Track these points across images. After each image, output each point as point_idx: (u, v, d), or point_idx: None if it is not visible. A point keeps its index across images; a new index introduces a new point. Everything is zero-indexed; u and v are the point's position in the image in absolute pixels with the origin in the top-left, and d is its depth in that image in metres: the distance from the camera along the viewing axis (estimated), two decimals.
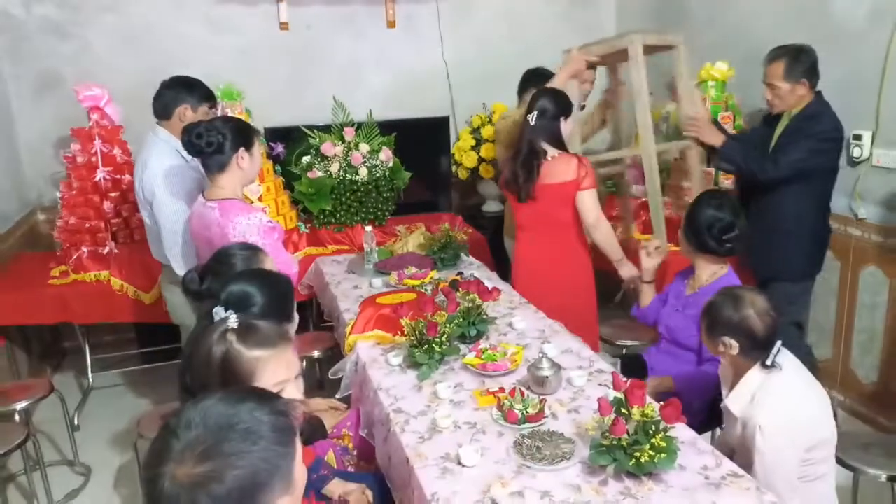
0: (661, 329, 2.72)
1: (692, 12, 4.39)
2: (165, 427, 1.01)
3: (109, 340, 4.37)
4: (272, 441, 1.00)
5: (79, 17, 4.23)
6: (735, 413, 1.98)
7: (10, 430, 2.83)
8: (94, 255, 3.65)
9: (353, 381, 2.55)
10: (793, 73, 2.95)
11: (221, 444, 0.97)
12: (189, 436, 0.97)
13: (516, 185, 3.05)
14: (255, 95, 3.94)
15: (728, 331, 2.00)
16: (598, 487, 1.71)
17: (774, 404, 1.90)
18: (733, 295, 2.03)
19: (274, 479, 0.99)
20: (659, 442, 1.68)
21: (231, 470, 0.96)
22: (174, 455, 0.96)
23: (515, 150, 3.08)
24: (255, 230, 2.42)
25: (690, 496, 1.67)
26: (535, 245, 3.15)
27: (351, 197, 3.98)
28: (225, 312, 1.59)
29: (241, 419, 1.00)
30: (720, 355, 2.07)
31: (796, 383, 1.98)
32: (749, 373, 1.99)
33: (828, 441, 1.98)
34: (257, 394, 1.07)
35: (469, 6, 4.87)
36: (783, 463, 1.89)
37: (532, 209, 3.06)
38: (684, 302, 2.65)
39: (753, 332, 1.97)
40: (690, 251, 2.62)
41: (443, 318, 2.40)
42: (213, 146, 2.44)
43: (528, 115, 3.01)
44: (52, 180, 4.21)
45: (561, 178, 3.00)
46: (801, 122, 2.99)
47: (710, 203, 2.56)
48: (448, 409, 2.10)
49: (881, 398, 3.32)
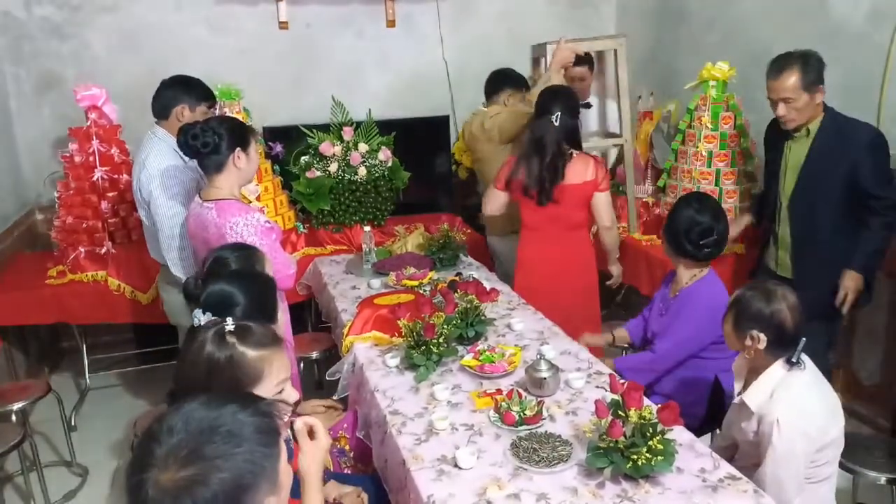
0: (649, 333, 2.70)
1: (693, 12, 4.37)
2: (148, 433, 1.00)
3: (107, 341, 4.35)
4: (256, 442, 1.00)
5: (78, 17, 4.22)
6: (752, 407, 1.96)
7: (6, 431, 2.83)
8: (91, 255, 3.64)
9: (350, 382, 2.54)
10: (809, 81, 2.68)
11: (204, 447, 0.96)
12: (171, 441, 0.97)
13: (540, 188, 2.99)
14: (253, 95, 3.92)
15: (757, 324, 1.96)
16: (595, 490, 1.70)
17: (794, 400, 1.89)
18: (765, 288, 2.00)
19: (259, 481, 0.99)
20: (656, 444, 1.67)
21: (215, 473, 0.95)
22: (157, 461, 0.96)
23: (533, 152, 3.00)
24: (252, 230, 2.40)
25: (688, 499, 1.66)
26: (545, 245, 3.11)
27: (350, 197, 3.97)
28: (203, 315, 1.58)
29: (224, 422, 0.99)
30: (744, 350, 2.02)
31: (814, 382, 1.98)
32: (771, 368, 1.97)
33: (836, 442, 1.97)
34: (239, 397, 1.06)
35: (469, 5, 4.86)
36: (794, 459, 1.88)
37: (547, 210, 3.03)
38: (667, 304, 2.63)
39: (783, 326, 1.94)
40: (670, 253, 2.60)
41: (440, 320, 2.39)
42: (209, 147, 2.42)
43: (550, 116, 2.96)
44: (51, 180, 4.20)
45: (580, 179, 3.00)
46: (835, 136, 2.74)
47: (691, 205, 2.51)
48: (445, 410, 2.09)
49: (882, 400, 3.30)
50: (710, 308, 2.42)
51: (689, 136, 3.69)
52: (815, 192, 2.80)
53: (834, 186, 2.75)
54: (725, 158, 3.56)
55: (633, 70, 4.98)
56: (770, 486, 1.87)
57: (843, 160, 2.71)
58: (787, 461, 1.88)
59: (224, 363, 1.48)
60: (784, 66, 2.69)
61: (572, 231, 3.11)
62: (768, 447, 1.89)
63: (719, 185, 3.57)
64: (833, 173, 2.73)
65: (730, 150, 3.56)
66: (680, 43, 4.50)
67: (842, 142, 2.72)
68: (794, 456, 1.88)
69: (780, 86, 2.69)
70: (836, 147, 2.73)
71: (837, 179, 2.73)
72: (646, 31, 4.85)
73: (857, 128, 2.74)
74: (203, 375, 1.49)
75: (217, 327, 1.54)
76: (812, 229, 2.82)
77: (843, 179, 2.72)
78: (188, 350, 1.54)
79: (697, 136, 3.61)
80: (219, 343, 1.50)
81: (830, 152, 2.74)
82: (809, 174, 2.80)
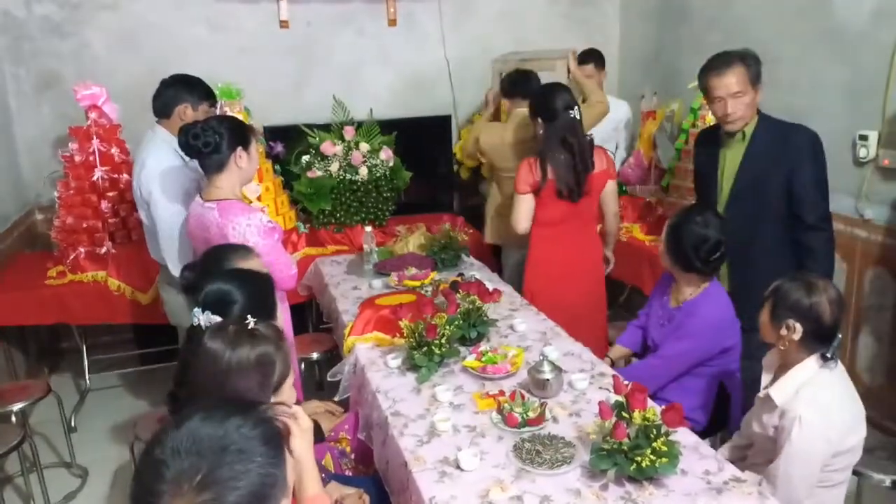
0: (649, 341, 2.64)
1: (694, 12, 4.36)
2: (150, 456, 0.97)
3: (107, 341, 4.35)
4: (266, 455, 0.99)
5: (78, 16, 4.21)
6: (777, 402, 1.93)
7: (6, 432, 2.82)
8: (91, 256, 3.63)
9: (351, 383, 2.53)
10: (753, 76, 2.58)
11: (218, 469, 0.94)
12: (182, 465, 0.94)
13: (575, 183, 2.97)
14: (254, 94, 3.91)
15: (795, 314, 1.92)
16: (598, 492, 1.68)
17: (820, 401, 1.87)
18: (806, 280, 1.97)
19: (274, 490, 0.99)
20: (660, 446, 1.66)
21: (232, 493, 0.94)
22: (168, 486, 0.93)
23: (561, 150, 2.96)
24: (254, 231, 2.39)
25: (692, 501, 1.64)
26: (562, 239, 3.08)
27: (351, 197, 3.95)
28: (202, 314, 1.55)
29: (232, 440, 0.97)
30: (778, 341, 1.98)
31: (843, 388, 1.96)
32: (803, 363, 1.94)
33: (854, 451, 1.95)
34: (238, 408, 1.04)
35: (470, 4, 4.84)
36: (810, 460, 1.86)
37: (576, 205, 3.03)
38: (669, 314, 2.55)
39: (821, 319, 1.91)
40: (676, 270, 2.49)
41: (442, 320, 2.37)
42: (210, 146, 2.41)
43: (569, 112, 2.96)
44: (51, 180, 4.18)
45: (600, 168, 3.07)
46: (771, 139, 2.62)
47: (696, 221, 2.39)
48: (447, 412, 2.07)
49: (888, 401, 3.28)
50: (718, 320, 2.40)
51: (693, 136, 3.67)
52: (750, 199, 2.67)
53: (770, 192, 2.63)
54: None
55: (636, 70, 5.00)
56: (781, 483, 1.86)
57: (780, 164, 2.59)
58: (802, 460, 1.86)
59: (253, 363, 1.44)
60: (728, 63, 2.58)
61: (589, 222, 3.16)
62: (785, 443, 1.87)
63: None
64: (770, 178, 2.62)
65: None
66: (682, 42, 4.49)
67: (779, 145, 2.61)
68: (809, 456, 1.86)
69: (728, 81, 2.57)
70: (772, 150, 2.61)
71: (775, 185, 2.61)
72: (648, 31, 4.84)
73: (796, 130, 2.64)
74: (223, 376, 1.45)
75: (238, 327, 1.51)
76: (749, 239, 2.66)
77: (781, 185, 2.61)
78: (201, 350, 1.49)
79: None
80: (242, 343, 1.46)
81: (766, 156, 2.62)
82: (745, 179, 2.68)
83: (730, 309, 2.43)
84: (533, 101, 3.10)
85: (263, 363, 1.45)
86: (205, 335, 1.52)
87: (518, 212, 3.06)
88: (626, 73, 5.12)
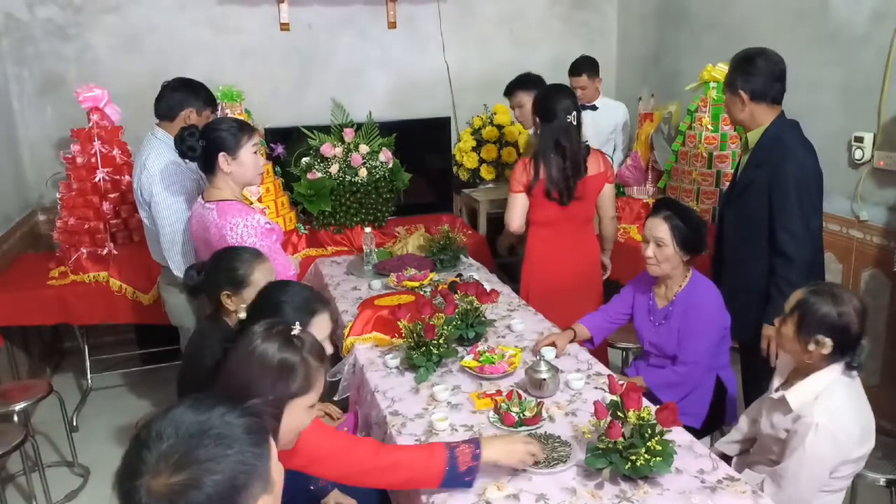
0: (646, 346, 2.63)
1: (694, 13, 4.38)
2: (136, 439, 0.99)
3: (109, 341, 4.37)
4: (247, 443, 0.99)
5: (81, 18, 4.23)
6: (792, 405, 1.93)
7: (8, 431, 2.82)
8: (93, 256, 3.65)
9: (350, 383, 2.55)
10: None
11: (196, 451, 0.96)
12: (162, 446, 0.96)
13: (564, 187, 3.00)
14: (255, 96, 3.94)
15: (825, 329, 1.89)
16: (593, 491, 1.70)
17: (837, 410, 1.87)
18: (831, 292, 1.94)
19: (252, 480, 0.99)
20: (655, 445, 1.67)
21: (208, 476, 0.95)
22: (148, 467, 0.95)
23: (555, 153, 2.98)
24: (252, 232, 2.41)
25: (686, 499, 1.66)
26: (558, 240, 3.11)
27: (350, 198, 3.97)
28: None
29: (213, 424, 0.99)
30: (804, 354, 1.95)
31: (859, 398, 1.96)
32: (825, 370, 1.93)
33: (859, 462, 1.96)
34: (227, 399, 1.06)
35: (470, 7, 4.86)
36: (821, 465, 1.87)
37: (568, 208, 3.05)
38: (663, 314, 2.54)
39: (849, 329, 1.90)
40: (678, 261, 2.44)
41: (441, 321, 2.39)
42: (195, 151, 2.45)
43: (566, 116, 2.97)
44: (53, 181, 4.21)
45: (595, 171, 3.08)
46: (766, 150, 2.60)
47: (688, 205, 2.47)
48: (445, 411, 2.09)
49: (882, 402, 3.29)
50: (715, 307, 2.45)
51: (690, 138, 3.70)
52: (736, 206, 2.71)
53: (752, 203, 2.61)
54: (726, 160, 3.57)
55: (634, 72, 5.01)
56: (787, 485, 1.88)
57: (764, 186, 2.56)
58: (814, 466, 1.87)
59: (275, 363, 1.44)
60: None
61: (585, 224, 3.17)
62: (798, 447, 1.87)
63: (719, 187, 3.58)
64: (752, 190, 2.61)
65: (730, 152, 3.56)
66: (680, 44, 4.51)
67: (771, 157, 2.57)
68: (821, 462, 1.87)
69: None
70: (763, 162, 2.59)
71: (756, 196, 2.59)
72: (647, 33, 4.86)
73: (788, 160, 2.52)
74: (246, 356, 1.45)
75: (283, 326, 1.51)
76: (732, 246, 2.74)
77: (759, 198, 2.58)
78: (240, 348, 1.48)
79: (698, 138, 3.62)
80: (275, 340, 1.47)
81: (757, 167, 2.60)
82: (737, 188, 2.73)
83: (716, 290, 2.49)
84: (535, 100, 3.14)
85: (284, 367, 1.46)
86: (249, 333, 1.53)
87: (511, 210, 3.10)
88: (624, 74, 5.14)
